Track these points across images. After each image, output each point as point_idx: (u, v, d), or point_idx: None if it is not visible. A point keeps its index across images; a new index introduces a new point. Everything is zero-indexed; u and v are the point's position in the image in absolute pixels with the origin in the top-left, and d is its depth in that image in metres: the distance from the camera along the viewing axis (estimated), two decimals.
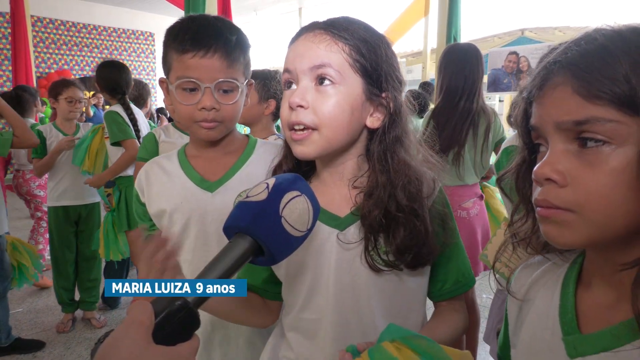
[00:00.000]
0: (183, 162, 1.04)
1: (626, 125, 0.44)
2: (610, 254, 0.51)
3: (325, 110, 0.69)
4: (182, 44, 0.91)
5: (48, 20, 8.60)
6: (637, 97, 0.43)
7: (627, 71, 0.44)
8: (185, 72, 0.91)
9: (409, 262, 0.72)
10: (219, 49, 0.91)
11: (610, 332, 0.49)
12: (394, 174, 0.72)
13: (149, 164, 1.07)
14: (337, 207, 0.76)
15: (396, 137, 0.74)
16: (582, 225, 0.47)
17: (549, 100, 0.49)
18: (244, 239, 0.54)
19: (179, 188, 1.01)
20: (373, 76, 0.71)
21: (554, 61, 0.50)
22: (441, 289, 0.80)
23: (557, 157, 0.48)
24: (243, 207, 0.56)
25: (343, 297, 0.75)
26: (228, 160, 1.04)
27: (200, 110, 0.93)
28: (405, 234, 0.70)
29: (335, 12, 0.77)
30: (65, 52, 8.87)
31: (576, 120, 0.46)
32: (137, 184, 1.05)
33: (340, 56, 0.69)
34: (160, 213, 1.02)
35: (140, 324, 0.45)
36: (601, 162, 0.45)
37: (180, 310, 0.48)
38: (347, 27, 0.70)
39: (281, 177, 0.60)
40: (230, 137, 1.05)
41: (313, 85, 0.70)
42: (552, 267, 0.62)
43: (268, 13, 9.96)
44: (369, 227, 0.72)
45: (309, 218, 0.59)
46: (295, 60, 0.71)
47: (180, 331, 0.49)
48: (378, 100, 0.73)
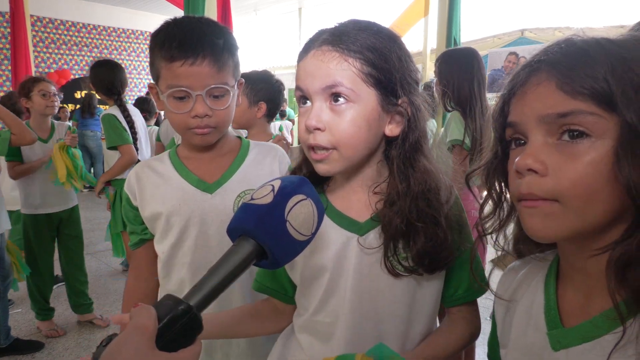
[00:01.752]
0: (177, 164, 1.03)
1: (605, 120, 0.48)
2: (585, 243, 0.53)
3: (342, 130, 0.68)
4: (169, 52, 0.89)
5: (48, 19, 8.59)
6: (614, 96, 0.47)
7: (606, 73, 0.48)
8: (175, 81, 0.90)
9: (427, 266, 0.71)
10: (207, 55, 0.90)
11: (591, 323, 0.52)
12: (414, 182, 0.71)
13: (139, 166, 1.06)
14: (356, 212, 0.76)
15: (415, 142, 0.73)
16: (565, 216, 0.49)
17: (532, 96, 0.52)
18: (247, 242, 0.53)
19: (175, 190, 1.00)
20: (388, 86, 0.69)
21: (537, 60, 0.53)
22: (454, 294, 0.80)
23: (538, 149, 0.51)
24: (248, 210, 0.55)
25: (360, 301, 0.74)
26: (223, 162, 1.04)
27: (193, 118, 0.92)
28: (425, 241, 0.70)
29: (335, 13, 0.76)
30: (65, 52, 8.87)
31: (560, 112, 0.49)
32: (128, 187, 1.04)
33: (352, 73, 0.67)
34: (155, 216, 1.01)
35: (144, 329, 0.45)
36: (580, 154, 0.48)
37: (183, 315, 0.48)
38: (356, 37, 0.68)
39: (287, 180, 0.59)
40: (224, 139, 1.04)
41: (327, 105, 0.68)
42: (535, 268, 0.64)
43: (268, 13, 9.95)
44: (389, 233, 0.71)
45: (313, 222, 0.58)
46: (306, 79, 0.69)
47: (183, 336, 0.48)
48: (395, 109, 0.71)
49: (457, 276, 0.79)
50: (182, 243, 1.00)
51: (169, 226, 1.00)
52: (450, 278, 0.79)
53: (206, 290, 0.51)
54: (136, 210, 1.03)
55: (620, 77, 0.47)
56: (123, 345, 0.45)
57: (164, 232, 1.01)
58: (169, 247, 1.01)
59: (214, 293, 0.51)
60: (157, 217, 1.00)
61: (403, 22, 5.44)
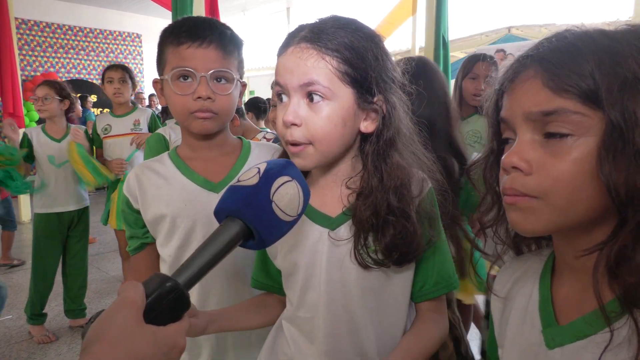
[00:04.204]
0: (180, 165, 1.02)
1: (589, 118, 0.48)
2: (573, 241, 0.54)
3: (318, 126, 0.70)
4: (177, 37, 0.93)
5: (33, 22, 8.48)
6: (600, 92, 0.47)
7: (593, 68, 0.47)
8: (181, 62, 0.92)
9: (395, 259, 0.73)
10: (214, 40, 0.93)
11: (584, 320, 0.52)
12: (386, 177, 0.73)
13: (138, 167, 1.04)
14: (330, 208, 0.78)
15: (389, 139, 0.74)
16: (545, 211, 0.50)
17: (520, 92, 0.52)
18: (234, 222, 0.55)
19: (180, 191, 0.99)
20: (364, 84, 0.71)
21: (526, 55, 0.53)
22: (421, 289, 0.81)
23: (524, 147, 0.51)
24: (234, 191, 0.57)
25: (334, 294, 0.76)
26: (227, 161, 1.03)
27: (195, 100, 0.93)
28: (394, 234, 0.72)
29: (323, 12, 0.77)
30: (51, 55, 8.76)
31: (545, 111, 0.49)
32: (127, 190, 1.01)
33: (328, 71, 0.69)
34: (158, 218, 0.99)
35: (132, 303, 0.46)
36: (564, 152, 0.49)
37: (171, 291, 0.49)
38: (334, 35, 0.69)
39: (272, 162, 0.60)
40: (225, 138, 1.05)
41: (305, 101, 0.70)
42: (531, 265, 0.64)
43: (256, 13, 9.92)
44: (359, 226, 0.73)
45: (299, 203, 0.60)
46: (285, 75, 0.71)
47: (171, 312, 0.50)
48: (370, 106, 0.73)
49: (424, 271, 0.80)
50: (189, 245, 0.98)
51: (174, 228, 0.98)
52: (418, 272, 0.80)
53: (193, 269, 0.52)
54: (137, 214, 1.01)
55: (607, 73, 0.47)
56: (111, 318, 0.45)
57: (169, 234, 0.99)
58: (175, 249, 0.99)
59: (200, 272, 0.52)
60: (161, 219, 0.99)
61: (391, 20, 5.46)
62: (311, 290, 0.78)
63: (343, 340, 0.77)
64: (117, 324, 0.45)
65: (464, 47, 7.87)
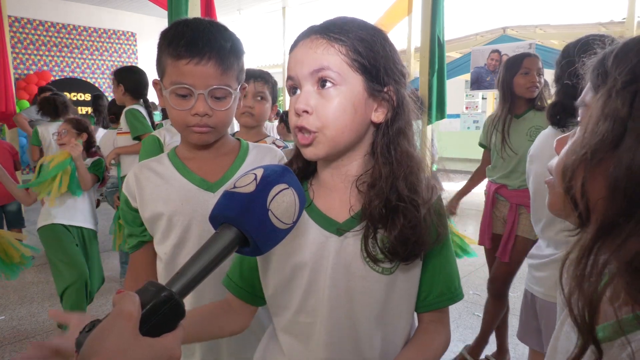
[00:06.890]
0: (178, 165, 1.04)
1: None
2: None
3: (329, 112, 0.70)
4: (176, 50, 0.92)
5: (26, 20, 8.40)
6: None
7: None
8: (179, 78, 0.92)
9: (404, 255, 0.72)
10: (213, 56, 0.92)
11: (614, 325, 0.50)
12: (396, 165, 0.74)
13: (137, 167, 1.06)
14: (337, 212, 0.77)
15: (400, 129, 0.75)
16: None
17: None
18: (230, 229, 0.54)
19: (177, 190, 1.00)
20: (373, 72, 0.72)
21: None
22: (425, 299, 0.80)
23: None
24: (231, 197, 0.56)
25: (338, 300, 0.75)
26: (224, 161, 1.05)
27: (193, 115, 0.94)
28: (404, 223, 0.71)
29: (318, 12, 0.77)
30: (44, 53, 8.68)
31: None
32: (127, 189, 1.04)
33: (338, 57, 0.70)
34: (156, 217, 1.01)
35: (128, 316, 0.46)
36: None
37: (166, 301, 0.49)
38: (342, 27, 0.71)
39: (269, 169, 0.60)
40: (223, 139, 1.06)
41: (315, 89, 0.71)
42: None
43: (252, 12, 9.89)
44: (369, 216, 0.73)
45: (295, 211, 0.59)
46: (295, 67, 0.73)
47: (166, 322, 0.49)
48: (381, 95, 0.74)
49: (429, 279, 0.79)
50: (185, 243, 1.00)
51: (171, 226, 1.00)
52: (422, 282, 0.79)
53: (188, 277, 0.51)
54: (135, 212, 1.03)
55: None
56: (107, 331, 0.45)
57: (166, 232, 1.01)
58: (171, 247, 1.01)
59: (195, 280, 0.52)
60: (158, 217, 1.01)
61: (386, 20, 5.47)
62: (314, 295, 0.76)
63: (344, 347, 0.76)
64: (114, 337, 0.45)
65: (460, 47, 7.89)
